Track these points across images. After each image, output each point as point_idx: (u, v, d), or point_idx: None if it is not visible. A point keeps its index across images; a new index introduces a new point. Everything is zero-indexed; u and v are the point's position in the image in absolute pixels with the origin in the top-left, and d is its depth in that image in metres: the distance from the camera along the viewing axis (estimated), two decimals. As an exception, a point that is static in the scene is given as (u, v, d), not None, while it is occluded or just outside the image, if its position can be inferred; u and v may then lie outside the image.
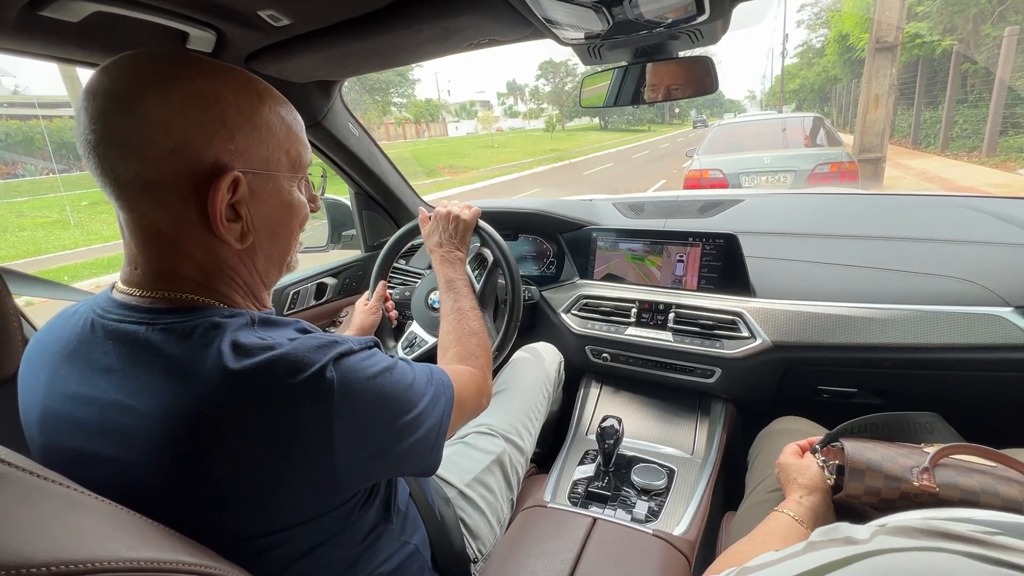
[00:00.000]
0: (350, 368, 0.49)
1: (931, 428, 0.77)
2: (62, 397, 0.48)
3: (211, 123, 0.47)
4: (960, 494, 0.61)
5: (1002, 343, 0.97)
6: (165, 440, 0.44)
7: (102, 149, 0.45)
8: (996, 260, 1.10)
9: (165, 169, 0.46)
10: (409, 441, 0.54)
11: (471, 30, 0.86)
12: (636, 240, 1.34)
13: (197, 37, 0.83)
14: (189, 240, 0.49)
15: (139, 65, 0.47)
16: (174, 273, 0.50)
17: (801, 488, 0.71)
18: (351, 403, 0.48)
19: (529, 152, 23.96)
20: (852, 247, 1.25)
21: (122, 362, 0.46)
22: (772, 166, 5.08)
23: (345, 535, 0.55)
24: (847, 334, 1.06)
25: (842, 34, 15.47)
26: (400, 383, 0.55)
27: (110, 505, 0.39)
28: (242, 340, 0.46)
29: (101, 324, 0.49)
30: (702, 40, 0.89)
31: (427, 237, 1.06)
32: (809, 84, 25.37)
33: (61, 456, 0.48)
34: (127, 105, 0.45)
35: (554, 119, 32.25)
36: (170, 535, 0.41)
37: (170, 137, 0.46)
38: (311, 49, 0.91)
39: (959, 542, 0.35)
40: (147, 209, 0.48)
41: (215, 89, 0.48)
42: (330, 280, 1.56)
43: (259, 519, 0.47)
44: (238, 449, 0.44)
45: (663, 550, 0.86)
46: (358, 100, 17.68)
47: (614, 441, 1.03)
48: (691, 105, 52.18)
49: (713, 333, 1.18)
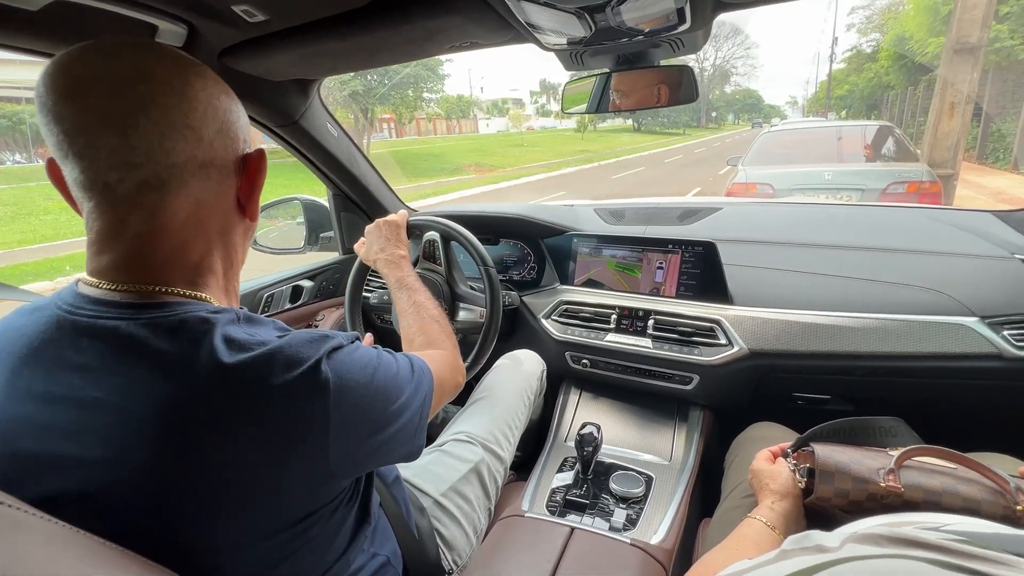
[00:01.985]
0: (342, 361, 0.50)
1: (894, 432, 0.80)
2: (25, 399, 0.44)
3: (233, 104, 0.52)
4: (923, 494, 0.63)
5: (967, 352, 1.00)
6: (157, 436, 0.42)
7: (157, 133, 0.45)
8: (963, 271, 1.13)
9: (217, 147, 0.49)
10: (396, 426, 0.56)
11: (452, 32, 0.85)
12: (617, 246, 1.34)
13: (167, 31, 0.80)
14: (215, 219, 0.52)
15: (157, 50, 0.48)
16: (171, 263, 0.48)
17: (773, 494, 0.72)
18: (345, 395, 0.49)
19: (558, 152, 23.24)
20: (828, 256, 1.27)
21: (101, 359, 0.43)
22: (834, 183, 4.31)
23: (325, 538, 0.54)
24: (821, 342, 1.08)
25: (900, 37, 14.28)
26: (388, 373, 0.56)
27: (58, 525, 0.37)
28: (233, 335, 0.46)
29: (71, 321, 0.45)
30: (683, 49, 0.89)
31: (365, 255, 1.08)
32: (858, 90, 23.86)
33: (23, 464, 0.44)
34: (179, 88, 0.46)
35: (586, 120, 31.09)
36: (123, 555, 0.38)
37: (217, 117, 0.49)
38: (287, 46, 0.89)
39: (926, 550, 0.36)
40: (195, 188, 0.49)
41: (212, 76, 0.51)
42: (306, 283, 1.53)
43: (250, 519, 0.45)
44: (234, 442, 0.43)
45: (640, 560, 0.85)
46: (387, 96, 17.32)
47: (593, 448, 1.02)
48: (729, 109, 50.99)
49: (691, 340, 1.19)
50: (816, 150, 4.98)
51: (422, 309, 0.92)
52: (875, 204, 2.02)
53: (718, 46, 58.51)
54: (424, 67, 17.55)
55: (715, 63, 59.21)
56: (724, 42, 58.88)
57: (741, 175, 4.79)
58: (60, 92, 0.43)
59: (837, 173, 4.38)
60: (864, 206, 1.79)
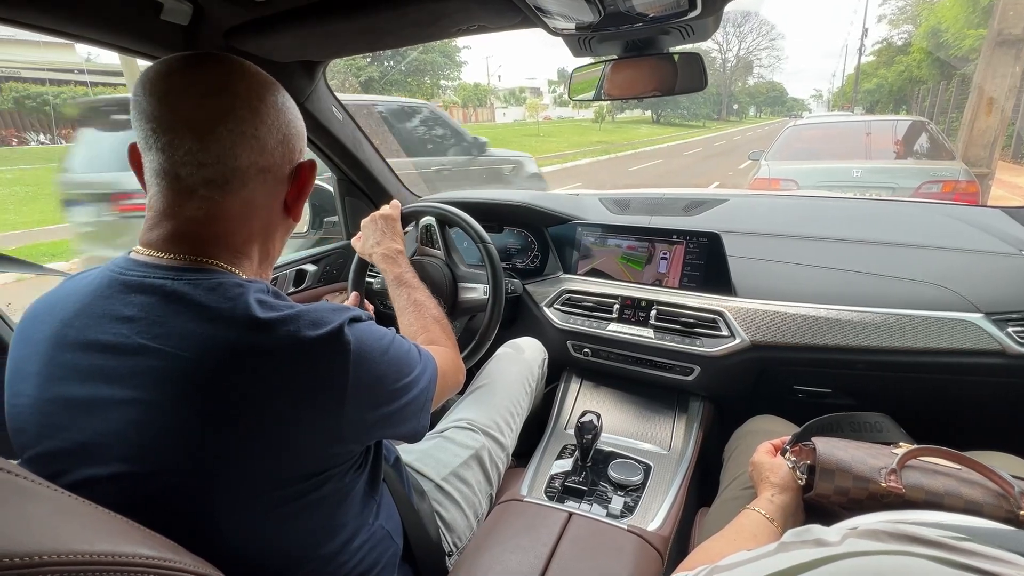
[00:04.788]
0: (363, 330, 0.55)
1: (879, 427, 0.80)
2: (73, 346, 0.49)
3: (294, 120, 0.59)
4: (925, 495, 0.62)
5: (972, 348, 1.00)
6: (196, 379, 0.46)
7: (229, 140, 0.52)
8: (969, 267, 1.12)
9: (277, 156, 0.56)
10: (405, 399, 0.60)
11: (459, 15, 0.84)
12: (621, 236, 1.34)
13: (172, 9, 0.79)
14: (262, 216, 0.57)
15: (239, 68, 0.54)
16: (217, 242, 0.54)
17: (773, 486, 0.72)
18: (364, 360, 0.53)
19: (574, 143, 22.32)
20: (832, 250, 1.26)
21: (147, 311, 0.49)
22: (864, 180, 4.07)
23: (335, 500, 0.57)
24: (824, 335, 1.08)
25: (935, 29, 13.63)
26: (400, 349, 0.61)
27: (63, 495, 0.37)
28: (264, 299, 0.51)
29: (122, 280, 0.51)
30: (693, 36, 0.88)
31: (362, 249, 1.09)
32: (887, 84, 23.10)
33: (60, 406, 0.49)
34: (254, 104, 0.53)
35: (604, 110, 30.77)
36: (129, 526, 0.39)
37: (279, 130, 0.56)
38: (293, 27, 0.88)
39: (927, 546, 0.36)
40: (252, 190, 0.55)
41: (281, 92, 0.58)
42: (310, 267, 1.53)
43: (266, 462, 0.49)
44: (262, 388, 0.48)
45: (637, 546, 0.86)
46: (401, 82, 17.20)
47: (592, 436, 1.03)
48: (751, 102, 49.11)
49: (693, 331, 1.19)
50: (843, 146, 4.74)
51: (422, 308, 0.94)
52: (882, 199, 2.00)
53: (742, 37, 57.09)
54: (441, 54, 17.33)
55: (738, 54, 57.23)
56: (749, 33, 57.33)
57: (764, 170, 4.62)
58: (155, 95, 0.51)
59: (867, 170, 4.15)
60: (871, 200, 1.78)
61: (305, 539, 0.55)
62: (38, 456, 0.50)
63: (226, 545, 0.49)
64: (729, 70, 55.90)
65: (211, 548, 0.45)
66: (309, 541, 0.55)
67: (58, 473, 0.47)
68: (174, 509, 0.47)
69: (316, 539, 0.56)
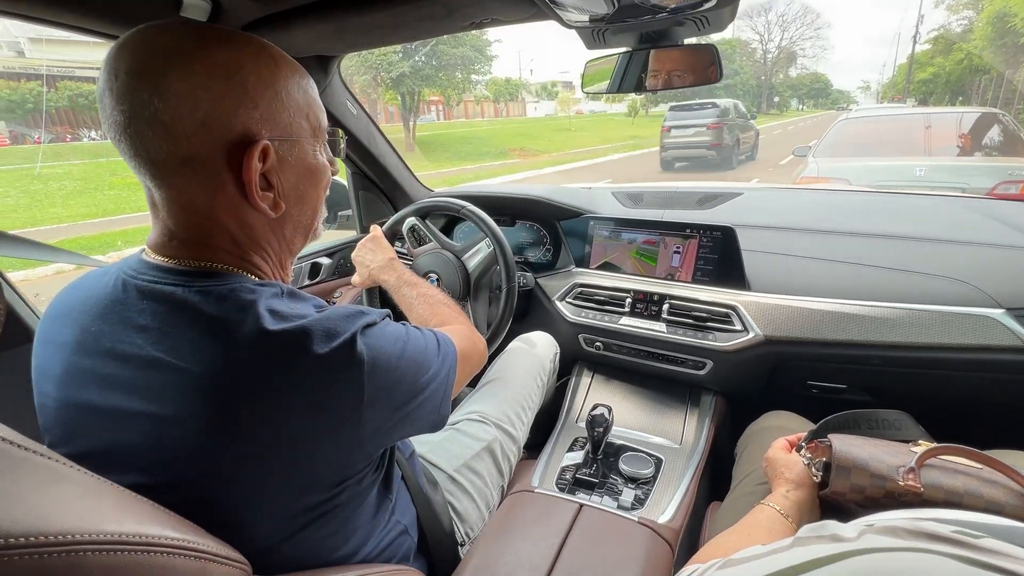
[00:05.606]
0: (376, 336, 0.52)
1: (898, 425, 0.78)
2: (93, 353, 0.49)
3: (235, 92, 0.48)
4: (944, 495, 0.61)
5: (992, 344, 0.98)
6: (207, 394, 0.45)
7: (133, 129, 0.46)
8: (990, 262, 1.10)
9: (197, 143, 0.47)
10: (424, 396, 0.58)
11: (472, 8, 0.84)
12: (633, 230, 1.33)
13: (191, 5, 0.80)
14: (224, 212, 0.51)
15: (156, 39, 0.47)
16: (208, 243, 0.51)
17: (788, 483, 0.72)
18: (378, 368, 0.51)
19: (606, 138, 21.98)
20: (848, 244, 1.25)
21: (158, 320, 0.47)
22: (928, 180, 3.58)
23: (354, 505, 0.57)
24: (839, 330, 1.07)
25: (1001, 13, 12.57)
26: (416, 346, 0.59)
27: (93, 478, 0.39)
28: (276, 307, 0.49)
29: (134, 284, 0.49)
30: (708, 27, 0.87)
31: (362, 280, 1.10)
32: (944, 74, 21.33)
33: (82, 411, 0.49)
34: (153, 81, 0.45)
35: (637, 103, 29.35)
36: (156, 509, 0.40)
37: (199, 110, 0.46)
38: (309, 21, 0.89)
39: (945, 544, 0.35)
40: (183, 185, 0.48)
41: (234, 57, 0.48)
42: (325, 260, 1.55)
43: (285, 480, 0.48)
44: (274, 405, 0.46)
45: (647, 537, 0.87)
46: (433, 76, 16.86)
47: (603, 429, 1.03)
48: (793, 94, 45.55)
49: (706, 325, 1.18)
50: (899, 140, 4.23)
51: (428, 297, 0.94)
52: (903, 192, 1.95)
53: (785, 26, 54.27)
54: (472, 48, 17.10)
55: (780, 44, 53.73)
56: (792, 22, 54.34)
57: (812, 167, 4.15)
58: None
59: (932, 168, 3.61)
60: (890, 194, 1.74)
61: (321, 545, 0.54)
62: (66, 455, 0.51)
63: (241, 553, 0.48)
64: (770, 61, 52.88)
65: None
66: (326, 546, 0.55)
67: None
68: (192, 520, 0.45)
69: (333, 543, 0.56)
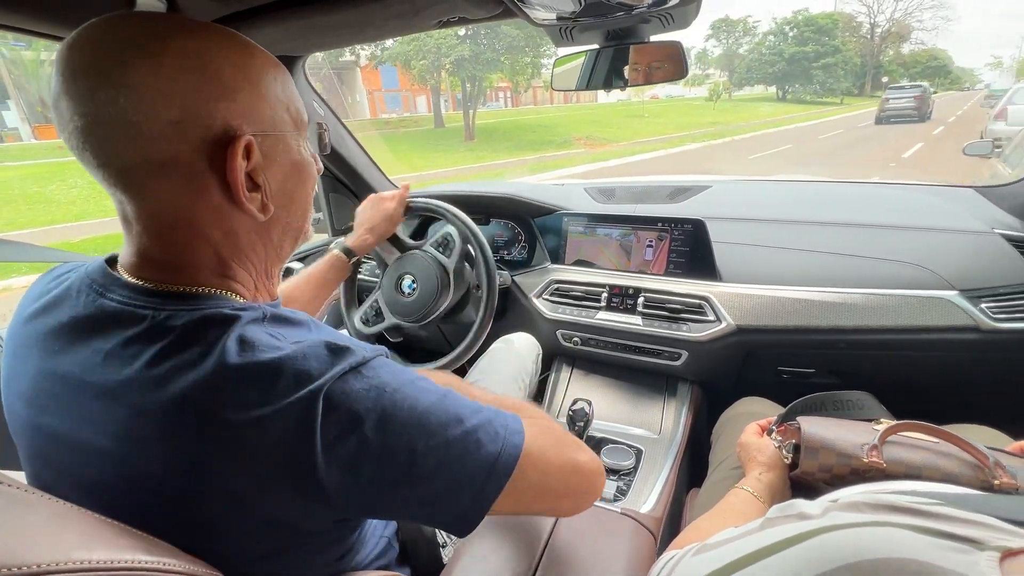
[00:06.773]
0: (360, 382, 0.43)
1: (861, 405, 0.82)
2: (53, 377, 0.45)
3: (210, 84, 0.43)
4: (905, 469, 0.65)
5: (947, 325, 1.03)
6: (163, 434, 0.41)
7: (98, 134, 0.41)
8: (944, 246, 1.15)
9: (174, 144, 0.42)
10: (429, 470, 0.44)
11: (440, 6, 0.83)
12: (606, 225, 1.34)
13: (145, 3, 0.77)
14: (209, 220, 0.46)
15: (116, 31, 0.41)
16: (188, 262, 0.46)
17: (760, 465, 0.75)
18: (356, 425, 0.42)
19: (683, 125, 19.39)
20: (814, 233, 1.29)
21: (122, 348, 0.43)
22: None
23: (341, 531, 0.53)
24: (806, 317, 1.11)
25: None
26: (420, 398, 0.46)
27: (58, 503, 0.37)
28: (250, 335, 0.43)
29: (101, 304, 0.45)
30: (673, 24, 0.88)
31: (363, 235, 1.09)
32: None
33: (47, 438, 0.45)
34: (118, 77, 0.40)
35: (719, 86, 26.69)
36: (126, 532, 0.39)
37: (172, 107, 0.41)
38: (273, 21, 0.87)
39: (902, 514, 0.38)
40: (159, 194, 0.43)
41: (205, 47, 0.43)
42: (296, 264, 1.52)
43: (258, 518, 0.43)
44: (230, 449, 0.40)
45: (631, 528, 0.88)
46: (497, 61, 15.32)
47: (584, 423, 1.04)
48: (904, 73, 38.13)
49: (680, 317, 1.21)
50: None
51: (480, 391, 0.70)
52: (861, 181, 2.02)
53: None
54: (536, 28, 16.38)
55: (892, 16, 41.84)
56: None
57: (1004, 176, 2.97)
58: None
59: None
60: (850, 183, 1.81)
61: (302, 561, 0.50)
62: (33, 476, 0.48)
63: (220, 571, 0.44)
64: (879, 36, 41.46)
65: None
66: (307, 563, 0.50)
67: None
68: (164, 539, 0.42)
69: (314, 561, 0.51)
